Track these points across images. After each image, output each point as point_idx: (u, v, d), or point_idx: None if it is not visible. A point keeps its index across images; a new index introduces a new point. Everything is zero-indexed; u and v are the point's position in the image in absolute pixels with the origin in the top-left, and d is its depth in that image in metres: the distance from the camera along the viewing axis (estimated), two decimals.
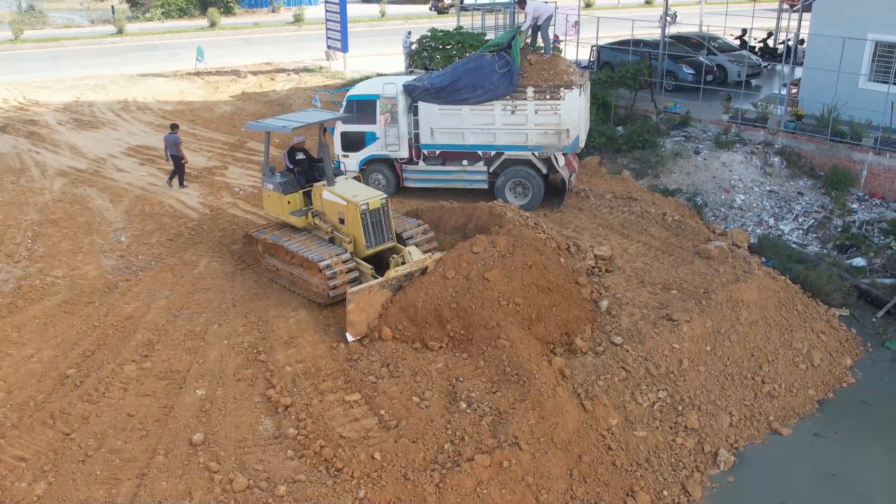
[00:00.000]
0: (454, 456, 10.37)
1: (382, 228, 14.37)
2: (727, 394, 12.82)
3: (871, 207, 19.73)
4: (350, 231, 14.24)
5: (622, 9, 47.20)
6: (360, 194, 14.36)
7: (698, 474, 11.70)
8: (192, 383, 11.74)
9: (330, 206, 14.53)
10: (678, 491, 11.40)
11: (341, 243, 14.29)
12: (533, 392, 11.48)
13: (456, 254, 13.50)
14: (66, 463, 10.07)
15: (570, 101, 17.35)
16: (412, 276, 13.36)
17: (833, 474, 11.88)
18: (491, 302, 12.70)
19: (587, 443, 11.41)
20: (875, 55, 21.89)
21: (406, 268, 13.38)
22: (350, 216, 14.13)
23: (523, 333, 12.49)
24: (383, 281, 13.13)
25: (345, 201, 14.18)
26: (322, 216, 14.73)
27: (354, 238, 14.22)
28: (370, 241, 14.22)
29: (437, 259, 13.57)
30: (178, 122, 21.93)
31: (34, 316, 13.69)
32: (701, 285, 14.65)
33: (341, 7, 32.91)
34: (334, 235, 14.45)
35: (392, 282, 13.19)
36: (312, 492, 9.57)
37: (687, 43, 28.20)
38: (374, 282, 13.15)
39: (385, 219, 14.40)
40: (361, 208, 13.95)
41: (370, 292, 12.94)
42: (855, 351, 14.72)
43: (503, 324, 12.43)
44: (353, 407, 11.22)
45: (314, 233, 14.89)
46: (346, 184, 14.99)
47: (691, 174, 21.18)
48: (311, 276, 14.13)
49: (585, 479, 10.95)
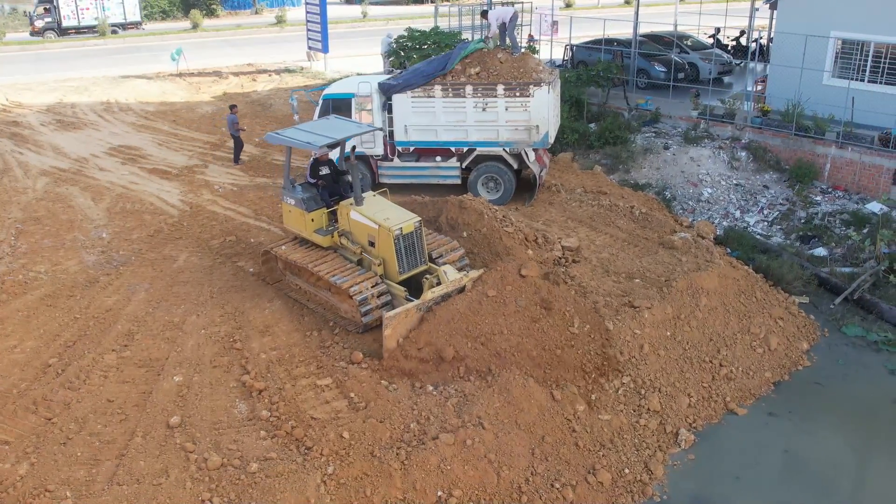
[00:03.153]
0: (419, 435, 10.89)
1: (416, 252, 13.58)
2: (686, 377, 13.36)
3: (834, 199, 20.36)
4: (381, 254, 13.49)
5: (602, 9, 47.82)
6: (391, 217, 13.49)
7: (660, 454, 12.22)
8: (170, 370, 12.22)
9: (359, 228, 13.74)
10: (641, 469, 11.90)
11: (370, 265, 13.57)
12: (501, 381, 11.98)
13: (498, 275, 13.10)
14: (48, 445, 10.54)
15: (540, 98, 17.89)
16: (449, 297, 12.77)
17: (786, 450, 12.43)
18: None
19: (551, 425, 11.90)
20: (838, 52, 22.57)
21: (442, 288, 12.79)
22: (382, 240, 13.35)
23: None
24: (419, 303, 12.51)
25: (376, 224, 13.38)
26: (350, 236, 13.95)
27: (385, 260, 13.49)
28: (403, 267, 13.41)
29: (476, 278, 13.10)
30: (159, 122, 22.41)
31: (17, 309, 14.11)
32: (663, 274, 15.22)
33: (321, 8, 33.40)
34: (363, 257, 13.73)
35: (429, 303, 12.60)
36: (283, 468, 10.07)
37: (659, 41, 28.83)
38: (411, 305, 12.48)
39: (419, 242, 13.59)
40: (395, 233, 13.16)
41: (406, 316, 12.32)
42: (812, 336, 15.30)
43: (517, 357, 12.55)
44: (325, 391, 11.73)
45: (340, 252, 14.15)
46: (374, 202, 14.08)
47: (661, 169, 21.77)
48: (340, 301, 13.50)
49: (547, 457, 11.44)
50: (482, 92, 18.05)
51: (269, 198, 19.48)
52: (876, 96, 21.21)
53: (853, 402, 13.51)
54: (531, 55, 19.66)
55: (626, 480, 11.67)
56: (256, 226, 17.78)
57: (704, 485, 11.70)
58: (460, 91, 18.10)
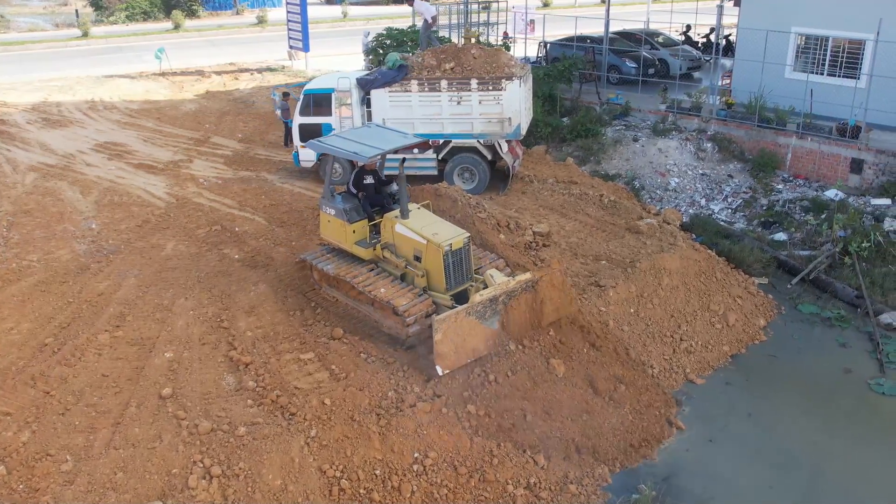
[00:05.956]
0: (397, 402, 11.66)
1: (463, 268, 13.25)
2: (648, 350, 14.20)
3: (795, 187, 21.31)
4: (428, 269, 13.16)
5: (579, 8, 48.68)
6: (440, 232, 13.14)
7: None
8: (161, 348, 12.92)
9: (404, 241, 13.40)
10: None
11: (413, 277, 13.31)
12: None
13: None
14: (47, 415, 11.22)
15: (512, 92, 18.70)
16: (497, 300, 12.51)
17: (750, 413, 13.27)
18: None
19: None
20: (799, 47, 23.54)
21: (490, 291, 12.40)
22: (430, 257, 13.01)
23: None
24: (468, 307, 12.15)
25: (424, 240, 13.02)
26: (393, 249, 13.61)
27: (429, 272, 13.15)
28: (450, 284, 13.07)
29: (524, 280, 12.84)
30: (144, 120, 22.97)
31: (12, 295, 14.74)
32: (629, 256, 16.08)
33: (301, 8, 34.08)
34: (407, 271, 13.41)
35: (477, 307, 12.22)
36: (269, 431, 10.82)
37: (631, 38, 29.74)
38: (460, 308, 12.13)
39: (466, 258, 13.28)
40: (444, 249, 12.83)
41: (457, 319, 11.94)
42: (769, 313, 16.19)
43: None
44: (307, 364, 12.48)
45: (381, 265, 13.89)
46: (420, 216, 13.71)
47: (630, 160, 22.66)
48: (383, 317, 13.35)
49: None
50: (457, 86, 18.84)
51: (253, 190, 20.19)
52: (834, 89, 22.20)
53: (806, 370, 14.43)
54: (504, 51, 20.47)
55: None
56: (241, 216, 18.47)
57: (680, 449, 12.50)
58: (436, 85, 18.89)
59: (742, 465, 12.05)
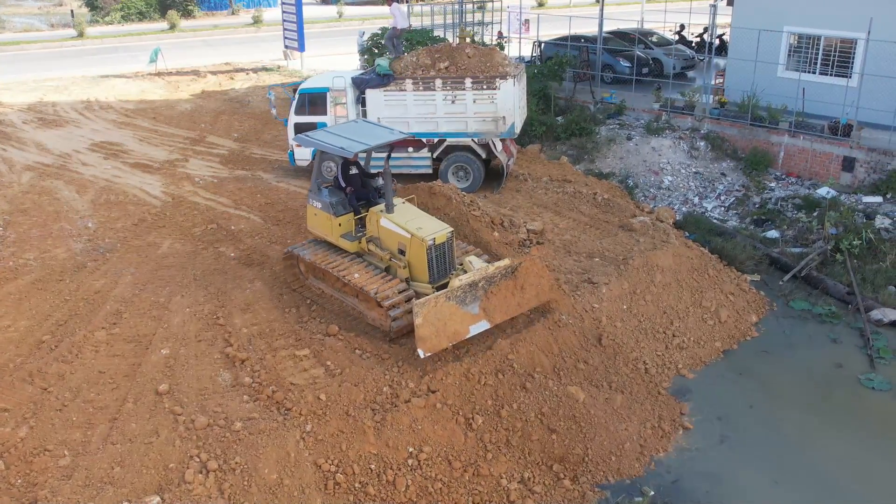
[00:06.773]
0: (392, 398, 11.76)
1: (446, 262, 13.54)
2: (641, 346, 14.33)
3: (787, 185, 21.48)
4: (411, 262, 13.50)
5: (574, 7, 48.85)
6: (424, 227, 13.45)
7: None
8: (158, 345, 13.01)
9: (388, 235, 13.72)
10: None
11: (397, 269, 13.64)
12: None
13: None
14: (45, 411, 11.31)
15: (506, 91, 18.82)
16: (476, 286, 12.60)
17: (751, 405, 13.48)
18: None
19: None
20: (792, 46, 23.71)
21: (469, 276, 12.55)
22: (414, 251, 13.36)
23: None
24: (448, 292, 12.28)
25: (408, 234, 13.34)
26: (378, 243, 13.93)
27: (412, 265, 13.51)
28: (433, 277, 13.39)
29: (503, 266, 12.93)
30: (140, 119, 23.07)
31: (9, 293, 14.83)
32: (621, 253, 16.21)
33: (297, 8, 34.16)
34: (391, 264, 13.73)
35: (457, 292, 12.34)
36: (265, 426, 10.92)
37: (625, 38, 29.91)
38: (440, 293, 12.28)
39: (450, 252, 13.57)
40: (427, 244, 13.16)
41: (437, 304, 12.09)
42: (761, 310, 16.34)
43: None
44: (303, 360, 12.58)
45: (366, 258, 14.19)
46: (405, 210, 14.00)
47: (624, 158, 22.80)
48: (367, 308, 13.63)
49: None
50: (451, 85, 18.96)
51: (248, 189, 20.29)
52: (826, 87, 22.39)
53: (797, 365, 14.59)
54: (498, 51, 20.59)
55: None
56: (237, 215, 18.57)
57: (679, 449, 12.63)
58: (430, 84, 19.00)
59: (741, 463, 12.17)
